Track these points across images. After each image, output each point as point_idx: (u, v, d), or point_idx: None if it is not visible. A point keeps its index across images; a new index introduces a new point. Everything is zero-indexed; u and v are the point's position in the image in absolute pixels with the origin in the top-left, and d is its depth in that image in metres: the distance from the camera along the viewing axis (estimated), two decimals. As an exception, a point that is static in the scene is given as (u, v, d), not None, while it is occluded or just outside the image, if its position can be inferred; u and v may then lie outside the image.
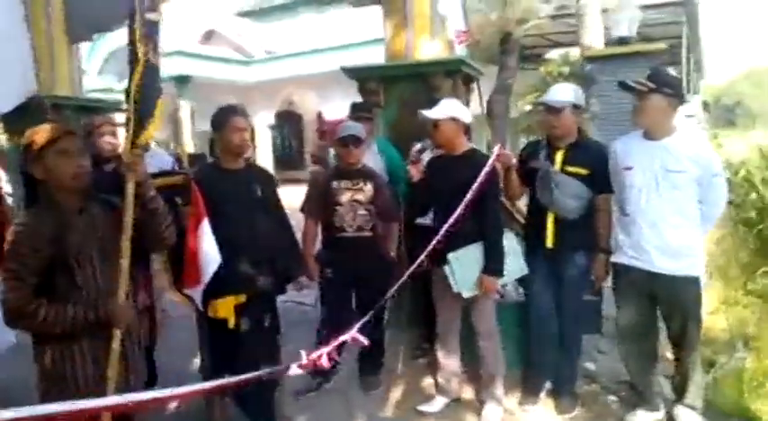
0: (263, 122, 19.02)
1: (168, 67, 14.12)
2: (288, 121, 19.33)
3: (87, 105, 5.95)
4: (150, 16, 2.29)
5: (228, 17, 20.17)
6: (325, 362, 2.08)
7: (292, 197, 4.04)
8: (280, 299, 3.39)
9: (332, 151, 5.07)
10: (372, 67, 4.96)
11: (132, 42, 2.27)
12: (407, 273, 3.19)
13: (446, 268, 3.32)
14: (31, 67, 2.83)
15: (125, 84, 2.27)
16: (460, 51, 5.04)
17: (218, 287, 3.01)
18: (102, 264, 2.22)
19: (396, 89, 4.63)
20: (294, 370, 2.01)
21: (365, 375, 3.88)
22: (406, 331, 4.32)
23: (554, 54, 11.61)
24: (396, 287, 3.22)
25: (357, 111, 4.40)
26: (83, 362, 2.15)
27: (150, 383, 3.23)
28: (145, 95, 2.26)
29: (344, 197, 3.65)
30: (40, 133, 2.18)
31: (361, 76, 4.72)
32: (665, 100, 2.97)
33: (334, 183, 3.67)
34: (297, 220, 3.57)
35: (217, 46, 18.12)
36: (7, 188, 4.50)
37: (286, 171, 16.51)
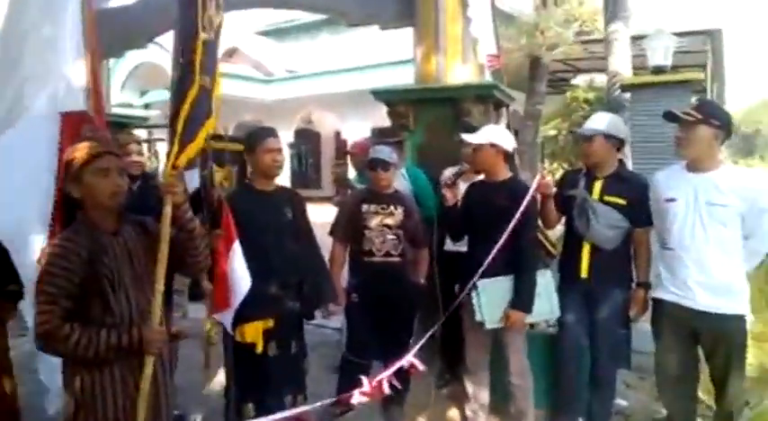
0: (281, 140, 19.07)
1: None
2: (306, 140, 19.39)
3: (116, 121, 5.97)
4: (206, 37, 2.25)
5: (250, 36, 20.36)
6: (386, 389, 2.00)
7: (310, 215, 3.99)
8: (302, 320, 3.33)
9: (350, 172, 5.04)
10: (402, 89, 4.93)
11: (188, 64, 2.23)
12: (455, 304, 3.07)
13: (473, 296, 3.23)
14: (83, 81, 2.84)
15: (146, 99, 2.26)
16: (487, 76, 5.01)
17: (246, 311, 2.96)
18: (135, 287, 2.16)
19: (425, 113, 4.60)
20: (357, 398, 1.94)
21: (389, 405, 3.78)
22: (433, 360, 4.22)
23: (579, 80, 11.58)
24: (444, 317, 3.13)
25: (384, 136, 4.37)
26: (113, 388, 2.08)
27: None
28: (192, 118, 2.22)
29: (374, 221, 3.58)
30: (80, 151, 2.14)
31: (390, 98, 4.69)
32: (711, 131, 2.89)
33: (364, 207, 3.62)
34: (322, 242, 3.51)
35: (238, 64, 18.28)
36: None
37: (303, 189, 16.47)
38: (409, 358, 2.10)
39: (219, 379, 3.71)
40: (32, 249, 2.72)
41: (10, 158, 2.75)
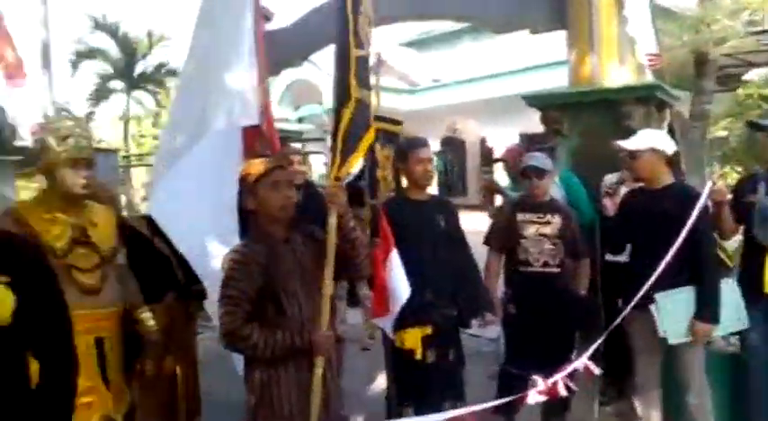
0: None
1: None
2: (452, 148, 19.44)
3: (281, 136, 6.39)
4: (360, 53, 2.36)
5: (394, 47, 20.86)
6: (562, 390, 1.95)
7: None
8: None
9: (498, 178, 4.96)
10: (556, 93, 4.78)
11: (343, 80, 2.35)
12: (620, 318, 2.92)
13: (652, 308, 3.04)
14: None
15: (299, 113, 2.40)
16: (648, 76, 4.72)
17: (405, 318, 3.03)
18: (304, 292, 2.30)
19: (581, 117, 4.42)
20: (533, 397, 1.91)
21: (550, 419, 3.66)
22: (598, 376, 4.04)
23: (752, 75, 10.53)
24: (615, 323, 3.00)
25: (534, 142, 4.26)
26: (288, 386, 2.23)
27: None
28: (352, 131, 2.33)
29: (530, 230, 3.50)
30: (254, 166, 2.32)
31: (543, 103, 4.57)
32: None
33: (519, 216, 3.55)
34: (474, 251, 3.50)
35: (385, 75, 18.80)
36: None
37: (449, 197, 16.55)
38: (584, 360, 2.01)
39: (380, 383, 3.83)
40: (215, 257, 2.97)
41: (197, 173, 3.03)
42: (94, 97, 21.03)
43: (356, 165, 2.50)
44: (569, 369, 2.01)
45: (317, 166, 9.49)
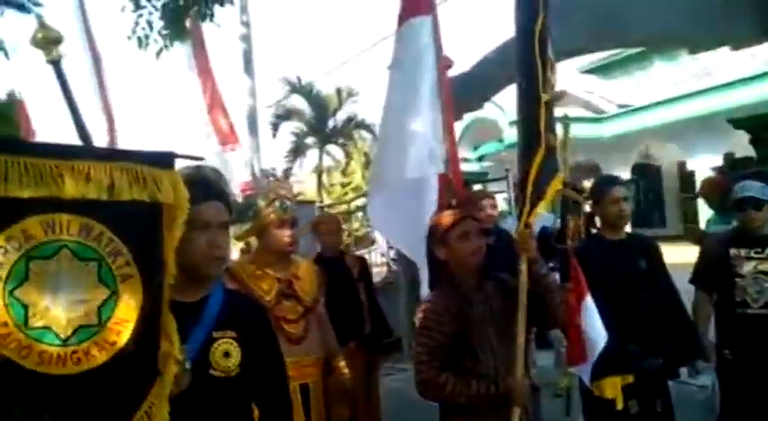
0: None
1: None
2: (644, 175, 18.21)
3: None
4: (547, 97, 2.34)
5: (575, 75, 20.24)
6: None
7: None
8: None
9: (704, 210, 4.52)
10: None
11: (530, 125, 2.34)
12: None
13: None
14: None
15: (479, 152, 2.41)
16: None
17: (604, 365, 2.85)
18: (498, 340, 2.28)
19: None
20: None
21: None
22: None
23: None
24: None
25: (739, 168, 3.85)
26: (486, 437, 2.20)
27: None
28: (540, 176, 2.31)
29: (747, 267, 3.16)
30: (445, 217, 2.38)
31: (755, 124, 4.13)
32: None
33: (733, 251, 3.21)
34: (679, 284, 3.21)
35: (566, 106, 18.28)
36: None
37: (644, 228, 15.44)
38: None
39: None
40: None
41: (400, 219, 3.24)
42: (292, 154, 23.08)
43: (542, 210, 2.44)
44: None
45: (500, 204, 9.44)
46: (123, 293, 1.39)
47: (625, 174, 18.31)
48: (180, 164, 1.56)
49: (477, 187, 8.04)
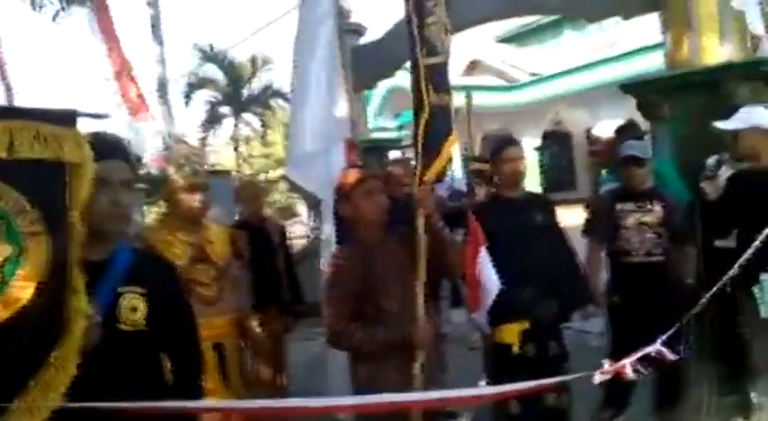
0: (529, 145, 18.90)
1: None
2: (555, 141, 18.94)
3: (374, 146, 6.64)
4: (430, 61, 2.46)
5: (490, 45, 20.63)
6: (629, 373, 1.92)
7: (564, 219, 3.96)
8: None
9: (603, 172, 4.86)
10: (654, 78, 4.61)
11: (417, 89, 2.46)
12: (707, 296, 2.85)
13: (755, 289, 2.91)
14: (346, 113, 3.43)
15: (398, 121, 2.56)
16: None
17: (502, 313, 3.07)
18: (401, 291, 2.44)
19: (683, 101, 4.25)
20: (598, 377, 1.89)
21: (663, 409, 3.56)
22: (710, 365, 3.86)
23: None
24: (695, 310, 2.90)
25: (627, 131, 4.16)
26: (391, 380, 2.36)
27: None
28: (431, 137, 2.44)
29: (630, 220, 3.45)
30: (350, 176, 2.50)
31: (641, 90, 4.44)
32: None
33: (619, 205, 3.50)
34: (580, 243, 3.48)
35: (481, 75, 18.65)
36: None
37: (556, 191, 16.15)
38: (657, 346, 1.96)
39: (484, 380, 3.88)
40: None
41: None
42: (206, 124, 22.51)
43: (441, 169, 2.58)
44: (640, 353, 1.98)
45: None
46: (29, 251, 1.41)
47: (537, 141, 19.02)
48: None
49: (393, 153, 8.16)
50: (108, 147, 1.67)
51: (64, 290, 1.47)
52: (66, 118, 1.50)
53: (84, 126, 1.62)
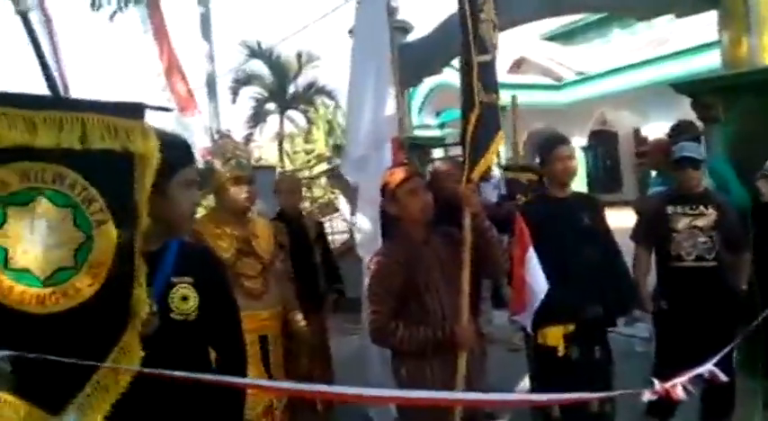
0: (575, 144, 18.62)
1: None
2: (601, 141, 18.61)
3: (417, 143, 6.62)
4: (481, 59, 2.44)
5: (535, 43, 20.36)
6: (680, 393, 1.88)
7: (610, 220, 3.89)
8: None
9: (653, 173, 4.74)
10: (709, 78, 4.48)
11: (468, 86, 2.45)
12: (760, 317, 2.75)
13: None
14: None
15: (441, 119, 2.54)
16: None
17: (547, 315, 3.03)
18: (445, 290, 2.43)
19: (739, 101, 4.11)
20: (647, 395, 1.86)
21: (710, 421, 3.46)
22: (761, 379, 3.73)
23: None
24: (748, 330, 2.81)
25: (682, 131, 4.04)
26: (433, 378, 2.36)
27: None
28: (480, 135, 2.42)
29: (682, 223, 3.35)
30: (395, 175, 2.50)
31: (695, 90, 4.31)
32: None
33: (670, 209, 3.41)
34: (626, 247, 3.40)
35: (526, 73, 18.43)
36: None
37: (601, 193, 15.86)
38: (709, 366, 1.91)
39: (525, 382, 3.84)
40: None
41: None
42: (252, 120, 22.81)
43: (487, 168, 2.58)
44: (691, 374, 1.92)
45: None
46: (98, 238, 1.44)
47: (582, 141, 18.70)
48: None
49: (437, 152, 8.14)
50: (190, 151, 1.73)
51: (131, 278, 1.50)
52: (135, 110, 1.53)
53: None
